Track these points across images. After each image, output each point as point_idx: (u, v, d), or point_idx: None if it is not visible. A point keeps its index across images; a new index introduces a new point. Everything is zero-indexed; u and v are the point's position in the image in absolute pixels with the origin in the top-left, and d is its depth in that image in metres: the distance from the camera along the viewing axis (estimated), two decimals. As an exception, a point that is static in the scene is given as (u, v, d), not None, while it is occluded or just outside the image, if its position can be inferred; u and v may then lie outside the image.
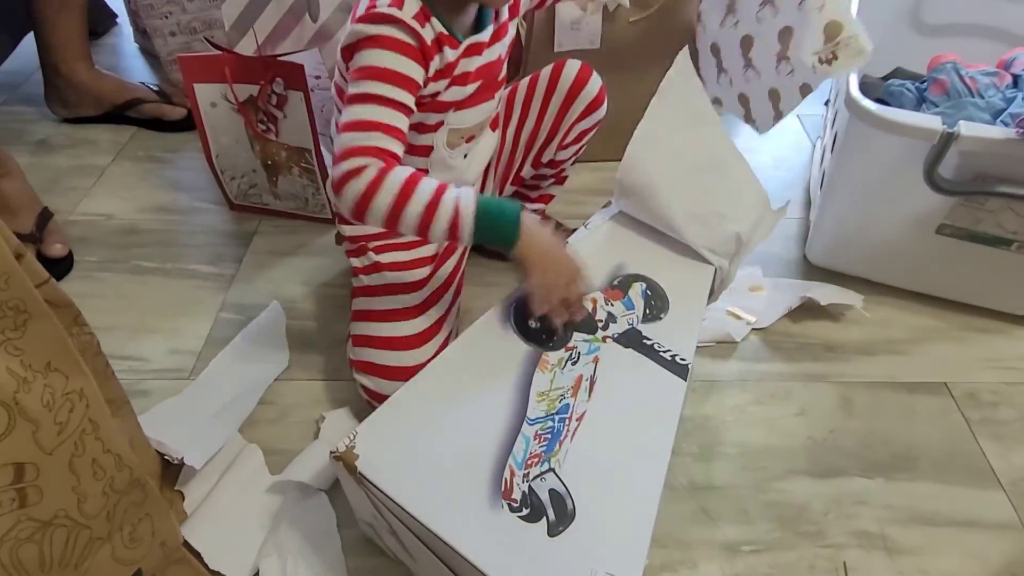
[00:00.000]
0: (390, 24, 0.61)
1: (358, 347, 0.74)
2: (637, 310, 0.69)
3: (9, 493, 0.47)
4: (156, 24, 1.19)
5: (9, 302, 0.45)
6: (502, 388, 0.60)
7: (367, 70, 0.61)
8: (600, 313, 0.68)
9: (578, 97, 0.80)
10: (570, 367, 0.63)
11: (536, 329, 0.65)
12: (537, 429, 0.58)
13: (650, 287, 0.71)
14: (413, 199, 0.59)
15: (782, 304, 0.87)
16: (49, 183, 1.08)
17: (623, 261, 0.73)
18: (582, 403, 0.61)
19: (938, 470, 0.72)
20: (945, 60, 0.91)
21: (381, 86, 0.61)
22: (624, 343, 0.66)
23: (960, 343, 0.85)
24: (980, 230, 0.79)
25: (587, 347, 0.65)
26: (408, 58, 0.62)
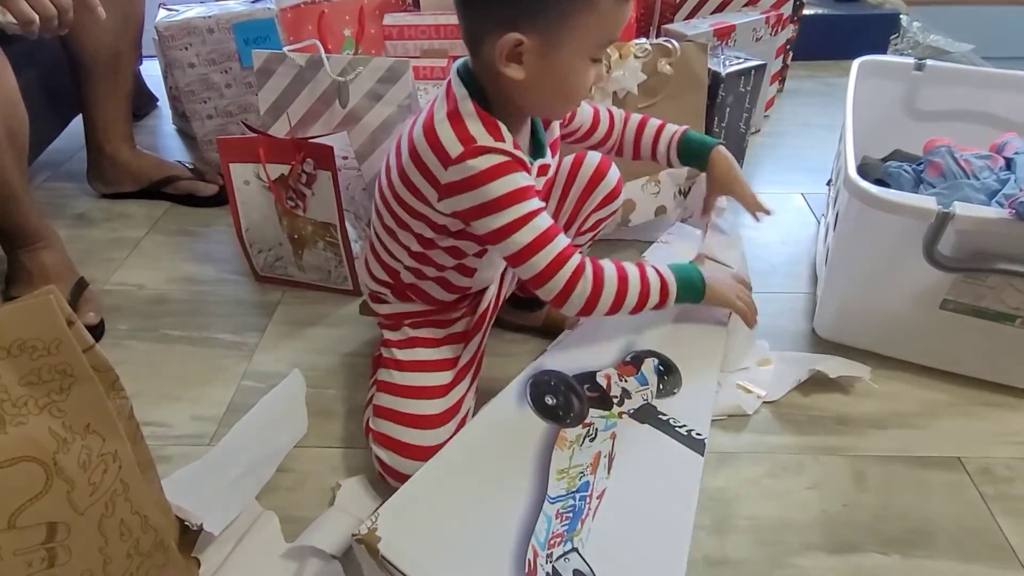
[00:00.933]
0: (496, 154, 0.64)
1: (380, 419, 0.75)
2: (651, 386, 0.70)
3: (40, 553, 0.49)
4: (195, 108, 1.28)
5: (57, 366, 0.48)
6: (521, 466, 0.61)
7: (501, 200, 0.64)
8: (615, 389, 0.69)
9: (597, 188, 0.83)
10: (588, 444, 0.64)
11: (553, 405, 0.66)
12: (559, 508, 0.58)
13: (663, 363, 0.73)
14: (630, 287, 0.69)
15: (791, 377, 0.89)
16: (86, 254, 1.14)
17: (633, 337, 0.75)
18: (602, 480, 0.61)
19: (956, 547, 0.71)
20: (940, 144, 0.95)
21: (524, 204, 0.64)
22: (640, 419, 0.67)
23: (971, 417, 0.85)
24: (983, 306, 0.81)
25: (604, 423, 0.66)
26: (522, 173, 0.65)
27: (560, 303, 0.67)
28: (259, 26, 1.21)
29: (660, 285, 0.70)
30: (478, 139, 0.64)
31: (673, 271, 0.72)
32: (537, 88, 0.65)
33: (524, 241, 0.65)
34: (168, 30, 1.20)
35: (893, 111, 1.14)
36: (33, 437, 0.47)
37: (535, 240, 0.65)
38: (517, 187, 0.64)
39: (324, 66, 0.99)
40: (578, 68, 0.64)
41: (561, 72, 0.64)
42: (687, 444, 0.64)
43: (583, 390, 0.70)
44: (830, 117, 1.54)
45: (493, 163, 0.64)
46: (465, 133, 0.64)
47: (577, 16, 0.61)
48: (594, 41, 0.63)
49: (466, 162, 0.63)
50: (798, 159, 1.43)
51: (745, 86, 1.22)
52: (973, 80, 1.10)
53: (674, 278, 0.71)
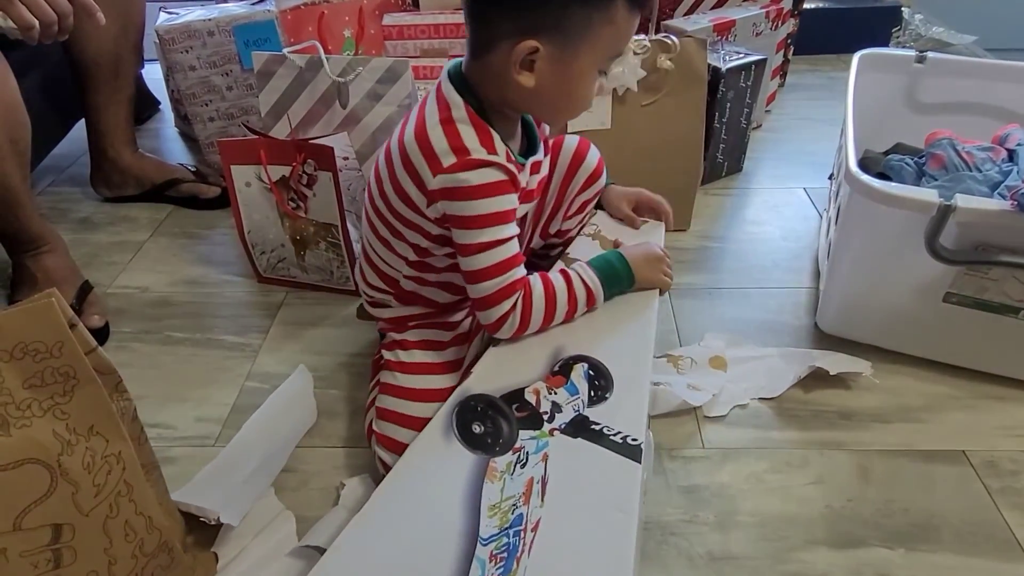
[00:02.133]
0: (489, 168, 0.64)
1: (383, 420, 0.75)
2: (582, 394, 0.66)
3: (46, 554, 0.49)
4: (197, 110, 1.29)
5: (60, 368, 0.49)
6: (451, 508, 0.57)
7: (485, 218, 0.65)
8: (544, 405, 0.66)
9: (579, 170, 0.84)
10: (519, 471, 0.60)
11: (480, 434, 0.63)
12: (492, 549, 0.55)
13: (592, 366, 0.69)
14: (558, 303, 0.71)
15: (791, 373, 0.88)
16: (90, 258, 1.14)
17: (562, 342, 0.71)
18: (536, 510, 0.57)
19: (960, 541, 0.71)
20: (941, 136, 0.95)
21: (502, 229, 0.66)
22: (572, 432, 0.63)
23: (975, 411, 0.85)
24: (986, 298, 0.81)
25: (535, 445, 0.62)
26: (511, 194, 0.67)
27: (492, 331, 0.70)
28: (259, 28, 1.22)
29: (586, 295, 0.72)
30: (472, 151, 0.64)
31: (597, 271, 0.73)
32: (545, 96, 0.65)
33: (484, 264, 0.67)
34: (168, 33, 1.20)
35: (894, 104, 1.14)
36: (37, 439, 0.48)
37: (494, 267, 0.67)
38: (502, 209, 0.66)
39: (324, 67, 1.00)
40: (588, 78, 0.65)
41: (572, 82, 0.65)
42: (623, 452, 0.61)
43: (511, 411, 0.66)
44: (832, 111, 1.53)
45: (487, 180, 0.64)
46: (458, 142, 0.64)
47: (596, 27, 0.61)
48: (606, 52, 0.65)
49: (458, 174, 0.64)
50: (800, 154, 1.42)
51: (746, 81, 1.22)
52: (975, 72, 1.09)
53: (599, 281, 0.73)
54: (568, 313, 0.72)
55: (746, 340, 0.95)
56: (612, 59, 0.66)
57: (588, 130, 1.09)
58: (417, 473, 0.61)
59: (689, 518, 0.73)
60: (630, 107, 1.09)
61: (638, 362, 0.70)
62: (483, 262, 0.67)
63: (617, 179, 0.97)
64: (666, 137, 1.11)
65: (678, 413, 0.85)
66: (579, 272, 0.73)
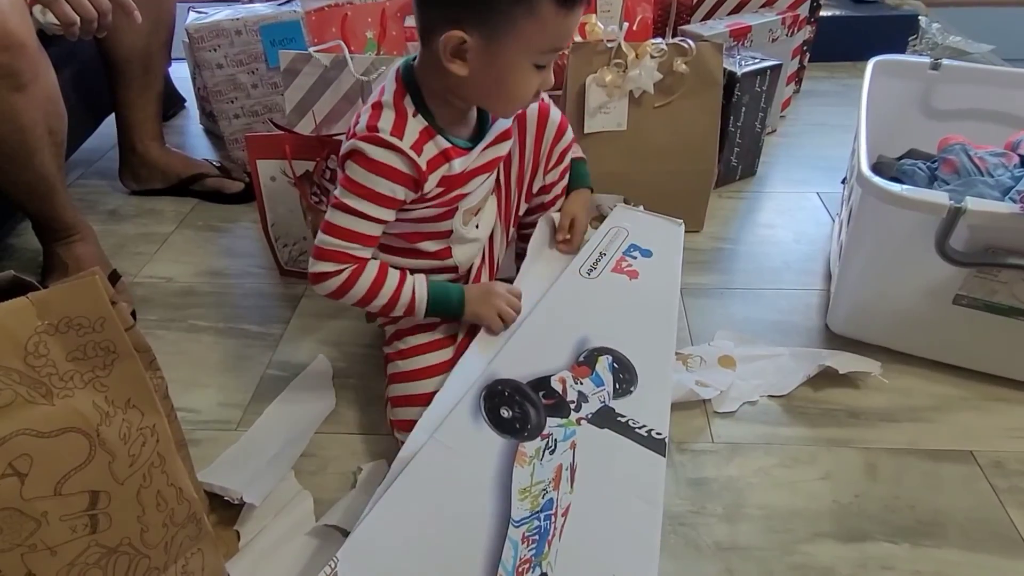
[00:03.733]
0: (389, 150, 0.68)
1: (397, 407, 0.78)
2: (607, 386, 0.68)
3: (83, 519, 0.52)
4: (222, 107, 1.32)
5: (102, 343, 0.51)
6: (481, 490, 0.58)
7: (359, 187, 0.69)
8: (571, 394, 0.67)
9: (547, 127, 0.84)
10: (548, 457, 0.62)
11: (509, 418, 0.64)
12: (524, 531, 0.56)
13: (617, 359, 0.71)
14: (381, 292, 0.73)
15: (801, 372, 0.90)
16: (117, 248, 1.18)
17: (585, 333, 0.73)
18: (565, 495, 0.59)
19: (966, 538, 0.72)
20: (954, 142, 0.96)
21: (368, 205, 0.70)
22: (599, 423, 0.65)
23: (983, 412, 0.86)
24: (996, 301, 0.82)
25: (563, 432, 0.64)
26: (397, 184, 0.70)
27: (311, 281, 0.73)
28: (285, 28, 1.25)
29: (408, 303, 0.75)
30: (380, 131, 0.68)
31: (431, 289, 0.76)
32: (480, 86, 0.68)
33: (337, 221, 0.70)
34: (198, 32, 1.24)
35: (909, 110, 1.15)
36: (78, 410, 0.50)
37: (343, 230, 0.70)
38: (380, 192, 0.69)
39: (348, 66, 1.02)
40: (519, 72, 0.66)
41: (502, 73, 0.66)
42: (648, 446, 0.63)
43: (539, 398, 0.68)
44: (846, 117, 1.53)
45: (381, 159, 0.68)
46: (374, 122, 0.69)
47: (518, 21, 0.63)
48: (535, 47, 0.65)
49: (360, 143, 0.68)
50: (814, 159, 1.44)
51: (761, 86, 1.23)
52: (989, 79, 1.10)
53: (427, 298, 0.76)
54: (383, 308, 0.75)
55: (757, 339, 0.96)
56: (547, 54, 0.66)
57: (605, 131, 1.11)
58: (447, 452, 0.62)
59: (697, 509, 0.75)
60: (646, 109, 1.11)
61: (661, 358, 0.72)
62: (337, 220, 0.70)
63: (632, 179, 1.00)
64: (681, 139, 1.13)
65: (689, 407, 0.86)
66: (415, 281, 0.76)
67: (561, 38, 0.66)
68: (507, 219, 0.90)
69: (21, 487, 0.48)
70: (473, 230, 0.83)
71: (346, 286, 0.72)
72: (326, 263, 0.71)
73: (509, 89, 0.68)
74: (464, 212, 0.80)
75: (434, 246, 0.82)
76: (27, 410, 0.48)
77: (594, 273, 0.83)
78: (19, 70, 0.82)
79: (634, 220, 0.91)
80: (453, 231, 0.81)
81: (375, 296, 0.74)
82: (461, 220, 0.80)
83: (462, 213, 0.80)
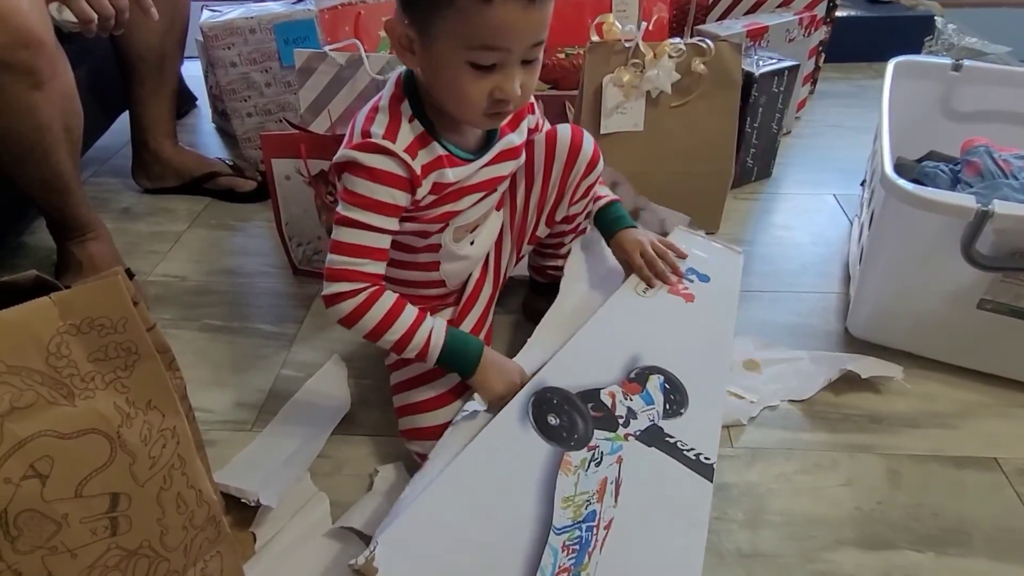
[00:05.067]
0: (382, 155, 0.66)
1: (402, 417, 0.78)
2: (657, 405, 0.67)
3: (103, 521, 0.51)
4: (235, 106, 1.32)
5: (123, 344, 0.51)
6: (525, 494, 0.58)
7: (358, 198, 0.67)
8: (620, 409, 0.66)
9: (578, 159, 0.82)
10: (594, 469, 0.61)
11: (556, 426, 0.63)
12: (565, 540, 0.55)
13: (668, 380, 0.70)
14: (394, 327, 0.69)
15: (822, 376, 0.88)
16: (131, 247, 1.18)
17: (638, 351, 0.72)
18: (608, 509, 0.58)
19: (992, 546, 0.71)
20: (978, 144, 0.95)
21: (371, 216, 0.67)
22: (647, 441, 0.64)
23: (1009, 419, 0.85)
24: (1021, 306, 0.81)
25: (609, 446, 0.63)
26: (396, 189, 0.67)
27: (326, 306, 0.69)
28: (299, 27, 1.25)
29: (422, 347, 0.70)
30: (372, 135, 0.67)
31: (450, 338, 0.71)
32: (431, 85, 0.66)
33: (344, 238, 0.68)
34: (212, 30, 1.24)
35: (929, 112, 1.14)
36: (100, 411, 0.50)
37: (351, 246, 0.68)
38: (379, 200, 0.67)
39: (364, 65, 1.02)
40: (455, 70, 0.62)
41: (440, 70, 0.64)
42: (696, 469, 0.62)
43: (587, 409, 0.67)
44: (862, 119, 1.53)
45: (376, 166, 0.66)
46: (368, 126, 0.67)
47: (442, 11, 0.60)
48: (463, 43, 0.60)
49: (353, 151, 0.66)
50: (830, 160, 1.42)
51: (778, 87, 1.22)
52: (1012, 80, 1.09)
53: (443, 348, 0.71)
54: (394, 346, 0.70)
55: (776, 343, 0.95)
56: (478, 50, 0.61)
57: (621, 131, 1.10)
58: (493, 454, 0.61)
59: (718, 515, 0.74)
60: (662, 109, 1.10)
61: (714, 383, 0.71)
62: (343, 236, 0.68)
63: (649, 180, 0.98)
64: (698, 140, 1.12)
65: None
66: (432, 325, 0.71)
67: (491, 35, 0.60)
68: (520, 238, 0.89)
69: (42, 489, 0.48)
70: (466, 247, 0.81)
71: (359, 311, 0.68)
72: (338, 283, 0.68)
73: (453, 90, 0.64)
74: (456, 228, 0.78)
75: (422, 257, 0.80)
76: (49, 411, 0.48)
77: (649, 292, 0.82)
78: (38, 68, 0.81)
79: (694, 244, 0.90)
80: (442, 246, 0.79)
81: (387, 328, 0.69)
82: (451, 236, 0.78)
83: (453, 229, 0.78)
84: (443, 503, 0.57)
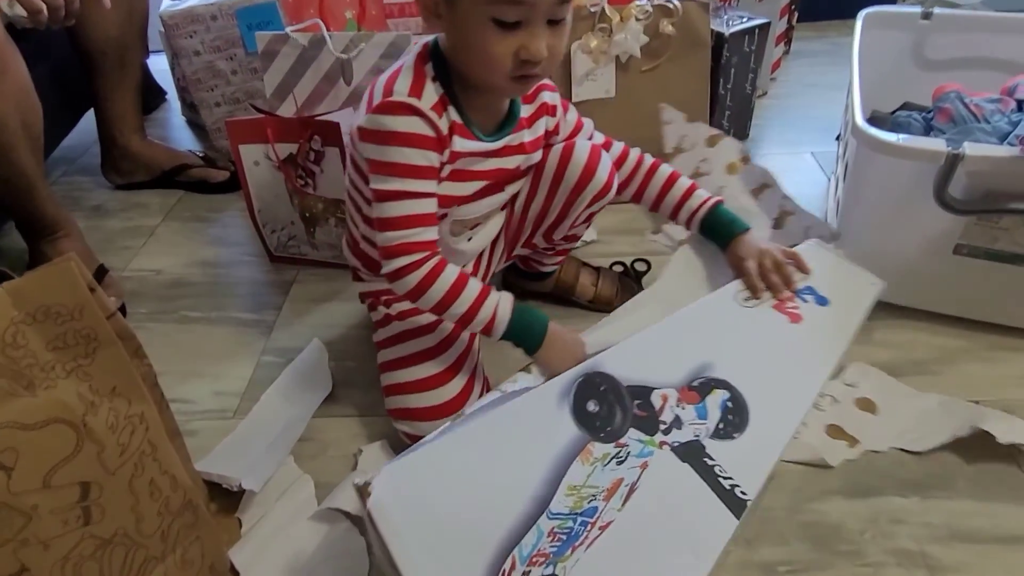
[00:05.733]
0: (409, 115, 0.64)
1: (390, 396, 0.77)
2: (709, 422, 0.62)
3: (75, 511, 0.50)
4: (203, 96, 1.30)
5: (82, 331, 0.50)
6: (535, 467, 0.56)
7: (395, 167, 0.64)
8: (667, 414, 0.61)
9: (587, 188, 0.78)
10: (613, 466, 0.58)
11: (592, 413, 0.60)
12: (554, 526, 0.54)
13: (733, 399, 0.63)
14: (460, 299, 0.67)
15: (948, 429, 0.75)
16: (104, 243, 1.16)
17: (712, 361, 0.66)
18: (612, 510, 0.55)
19: (976, 487, 0.71)
20: (949, 90, 0.94)
21: (412, 182, 0.65)
22: (682, 455, 0.59)
23: (988, 362, 0.85)
24: (997, 248, 0.81)
25: (639, 448, 0.59)
26: (428, 150, 0.65)
27: (391, 281, 0.67)
28: (261, 11, 1.22)
29: (489, 319, 0.68)
30: (396, 92, 0.64)
31: (516, 312, 0.69)
32: (457, 50, 0.65)
33: (391, 213, 0.66)
34: (173, 19, 1.21)
35: (902, 63, 1.13)
36: (62, 400, 0.49)
37: (401, 218, 0.65)
38: (414, 163, 0.65)
39: (327, 44, 1.00)
40: (480, 28, 0.60)
41: (465, 29, 0.62)
42: (725, 500, 0.56)
43: (631, 405, 0.62)
44: (838, 76, 1.51)
45: (403, 128, 0.64)
46: (391, 84, 0.65)
47: None
48: None
49: (378, 116, 0.64)
50: (806, 119, 1.42)
51: (749, 46, 1.21)
52: (982, 26, 1.08)
53: (510, 320, 0.68)
54: (460, 319, 0.68)
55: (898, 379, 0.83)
56: (504, 5, 0.59)
57: (593, 99, 1.09)
58: (519, 422, 0.59)
59: None
60: (633, 74, 1.08)
61: (786, 418, 0.63)
62: (388, 211, 0.66)
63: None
64: (671, 103, 1.10)
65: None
66: (499, 299, 0.69)
67: None
68: (512, 242, 0.87)
69: (8, 481, 0.47)
70: (463, 242, 0.79)
71: (425, 283, 0.66)
72: (397, 259, 0.66)
73: (477, 49, 0.62)
74: (455, 222, 0.76)
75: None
76: (9, 403, 0.47)
77: (751, 303, 0.73)
78: (-13, 63, 0.79)
79: (823, 261, 0.77)
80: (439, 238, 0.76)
81: (454, 300, 0.67)
82: (449, 229, 0.77)
83: (451, 222, 0.76)
84: (454, 453, 0.56)
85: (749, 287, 0.74)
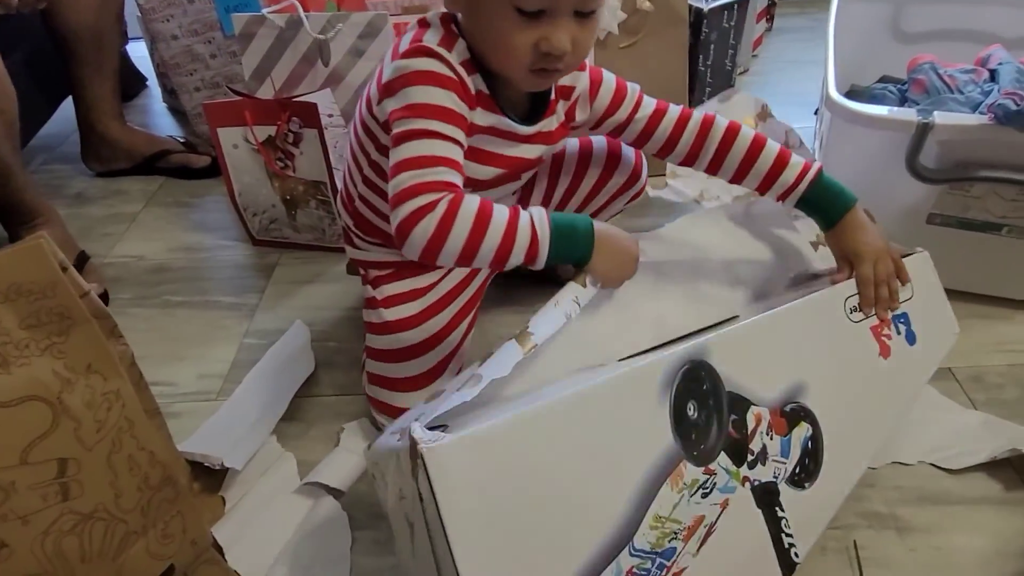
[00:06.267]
0: (436, 59, 0.60)
1: (371, 385, 0.77)
2: (789, 463, 0.54)
3: (53, 487, 0.51)
4: (182, 81, 1.29)
5: (55, 309, 0.50)
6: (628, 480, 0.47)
7: (418, 107, 0.58)
8: (756, 442, 0.53)
9: (617, 169, 0.76)
10: (699, 499, 0.49)
11: (692, 421, 0.50)
12: (633, 566, 0.46)
13: (814, 439, 0.55)
14: (491, 228, 0.57)
15: (987, 447, 0.71)
16: (86, 231, 1.16)
17: (806, 382, 0.56)
18: (687, 556, 0.48)
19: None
20: (923, 61, 0.95)
21: (435, 123, 0.58)
22: (758, 499, 0.52)
23: (963, 331, 0.84)
24: (969, 217, 0.82)
25: (725, 481, 0.51)
26: (456, 95, 0.60)
27: (404, 234, 0.56)
28: (238, -7, 1.21)
29: (530, 238, 0.58)
30: (427, 42, 0.61)
31: (553, 222, 0.59)
32: (475, 33, 0.62)
33: (407, 154, 0.57)
34: (149, 2, 1.20)
35: (879, 36, 1.13)
36: (37, 377, 0.50)
37: (417, 158, 0.57)
38: (437, 103, 0.59)
39: (304, 25, 0.99)
40: (500, 14, 0.57)
41: (485, 15, 0.59)
42: (781, 563, 0.51)
43: (728, 420, 0.53)
44: (819, 52, 1.49)
45: (427, 68, 0.59)
46: (419, 37, 0.62)
47: None
48: None
49: (404, 60, 0.60)
50: (788, 95, 1.42)
51: (729, 21, 1.21)
52: (957, -4, 1.08)
53: (550, 232, 0.58)
54: (498, 252, 0.57)
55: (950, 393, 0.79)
56: None
57: (571, 77, 1.09)
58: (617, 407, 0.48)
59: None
60: (611, 51, 1.08)
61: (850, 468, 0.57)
62: (405, 152, 0.57)
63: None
64: (650, 81, 1.09)
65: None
66: (531, 215, 0.59)
67: None
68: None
69: (-15, 458, 0.47)
70: None
71: (445, 223, 0.55)
72: (409, 201, 0.55)
73: (495, 37, 0.59)
74: None
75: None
76: (-17, 380, 0.47)
77: (856, 316, 0.64)
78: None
79: (924, 282, 0.70)
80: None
81: (483, 234, 0.56)
82: None
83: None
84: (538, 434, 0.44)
85: (862, 298, 0.65)
